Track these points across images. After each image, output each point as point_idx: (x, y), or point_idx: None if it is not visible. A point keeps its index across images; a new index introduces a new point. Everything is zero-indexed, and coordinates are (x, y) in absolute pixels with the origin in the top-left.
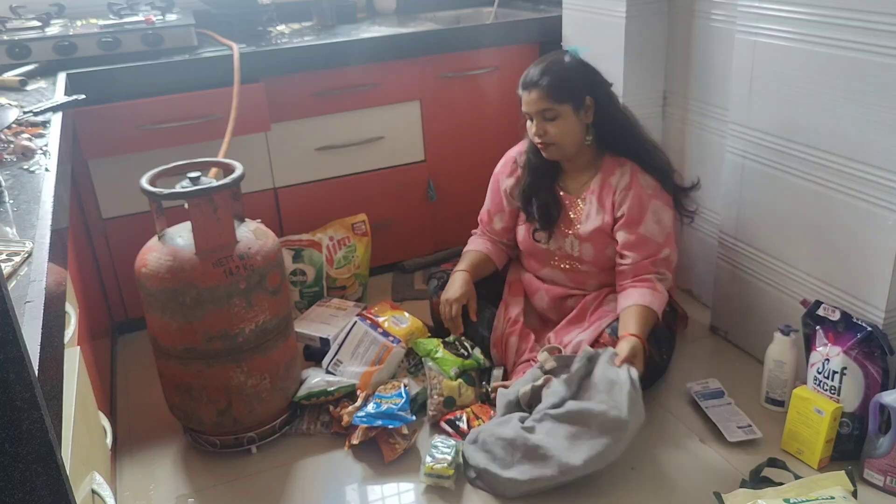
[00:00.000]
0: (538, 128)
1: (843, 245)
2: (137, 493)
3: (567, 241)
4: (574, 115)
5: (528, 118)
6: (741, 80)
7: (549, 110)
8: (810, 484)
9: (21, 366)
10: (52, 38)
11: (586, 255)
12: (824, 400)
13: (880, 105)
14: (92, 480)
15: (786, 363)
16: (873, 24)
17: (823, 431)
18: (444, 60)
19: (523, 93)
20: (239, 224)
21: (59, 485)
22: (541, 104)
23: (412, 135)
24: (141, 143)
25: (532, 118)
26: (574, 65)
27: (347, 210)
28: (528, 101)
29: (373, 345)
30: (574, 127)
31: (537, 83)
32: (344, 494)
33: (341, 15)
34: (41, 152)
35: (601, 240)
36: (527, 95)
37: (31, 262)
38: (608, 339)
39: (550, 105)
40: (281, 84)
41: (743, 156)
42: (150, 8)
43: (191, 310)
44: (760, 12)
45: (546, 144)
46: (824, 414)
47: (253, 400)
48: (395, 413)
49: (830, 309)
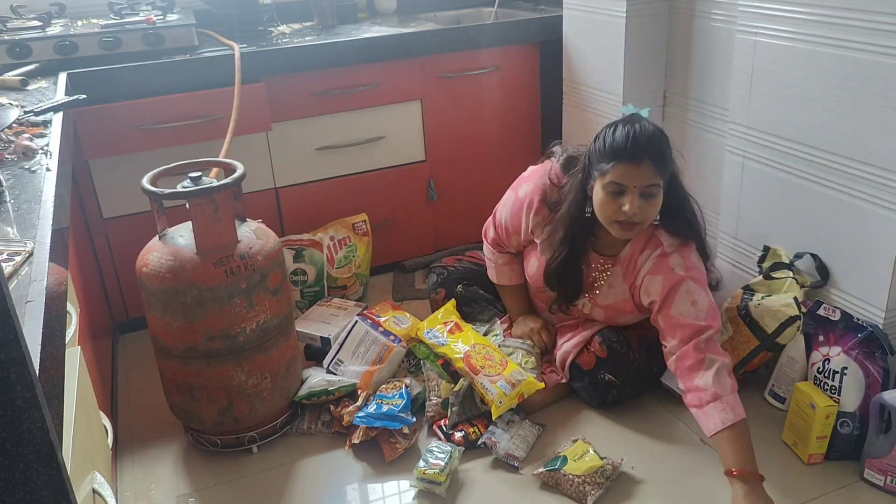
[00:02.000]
0: (634, 205)
1: (843, 245)
2: (138, 492)
3: (580, 301)
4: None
5: (615, 191)
6: (741, 80)
7: (655, 186)
8: None
9: (22, 365)
10: (53, 37)
11: (597, 317)
12: (821, 395)
13: (881, 105)
14: (93, 480)
15: (798, 362)
16: (874, 23)
17: (814, 426)
18: (445, 60)
19: (622, 164)
20: (240, 224)
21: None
22: (651, 179)
23: (413, 135)
24: (142, 142)
25: (623, 192)
26: (661, 132)
27: (348, 210)
28: (635, 175)
29: (373, 344)
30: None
31: (653, 153)
32: (344, 494)
33: (342, 15)
34: (42, 152)
35: (616, 313)
36: (632, 168)
37: (32, 262)
38: (598, 347)
39: (658, 181)
40: (282, 84)
41: (743, 155)
42: (151, 8)
43: (192, 309)
44: (761, 12)
45: (636, 224)
46: (816, 408)
47: (254, 399)
48: (395, 414)
49: (831, 309)
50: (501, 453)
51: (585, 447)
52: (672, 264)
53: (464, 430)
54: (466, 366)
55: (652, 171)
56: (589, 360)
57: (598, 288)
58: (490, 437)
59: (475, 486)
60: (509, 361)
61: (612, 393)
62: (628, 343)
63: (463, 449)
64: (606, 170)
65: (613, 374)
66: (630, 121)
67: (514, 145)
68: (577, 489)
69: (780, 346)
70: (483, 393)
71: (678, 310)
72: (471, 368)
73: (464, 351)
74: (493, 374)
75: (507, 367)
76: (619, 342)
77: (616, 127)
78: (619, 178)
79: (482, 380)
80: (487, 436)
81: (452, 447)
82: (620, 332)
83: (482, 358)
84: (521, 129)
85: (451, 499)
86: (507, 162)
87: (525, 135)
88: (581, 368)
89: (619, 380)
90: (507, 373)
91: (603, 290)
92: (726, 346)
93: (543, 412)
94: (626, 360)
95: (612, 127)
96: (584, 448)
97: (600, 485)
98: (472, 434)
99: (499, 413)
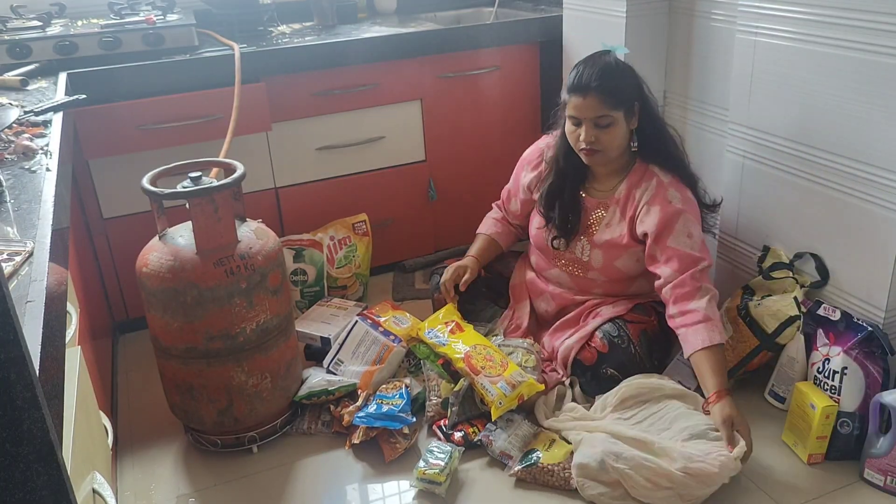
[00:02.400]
0: (588, 134)
1: (843, 245)
2: (138, 492)
3: (578, 245)
4: (625, 122)
5: (574, 122)
6: (741, 80)
7: (605, 117)
8: None
9: (22, 365)
10: (53, 37)
11: (595, 262)
12: (821, 396)
13: (881, 105)
14: (93, 480)
15: (798, 362)
16: (874, 23)
17: (814, 426)
18: (445, 60)
19: (574, 97)
20: (240, 224)
21: (59, 484)
22: (597, 110)
23: (413, 135)
24: (142, 142)
25: (580, 123)
26: (624, 68)
27: (348, 210)
28: (582, 107)
29: (374, 344)
30: (623, 133)
31: (594, 88)
32: (345, 494)
33: (342, 15)
34: (42, 152)
35: (613, 251)
36: (580, 100)
37: (32, 262)
38: (598, 342)
39: (607, 112)
40: (282, 84)
41: (743, 155)
42: (151, 8)
43: (192, 309)
44: (761, 12)
45: (593, 151)
46: (816, 408)
47: (254, 399)
48: (395, 414)
49: (831, 309)
50: (496, 452)
51: (551, 436)
52: (670, 197)
53: (463, 431)
54: (467, 366)
55: (598, 103)
56: (590, 356)
57: (596, 228)
58: (487, 435)
59: (475, 486)
60: (510, 362)
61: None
62: (629, 337)
63: (463, 449)
64: (566, 103)
65: (615, 368)
66: (591, 57)
67: (514, 145)
68: (559, 476)
69: (780, 346)
70: (483, 393)
71: (676, 241)
72: (471, 369)
73: (464, 351)
74: (493, 375)
75: (508, 368)
76: (620, 336)
77: (580, 63)
78: (573, 110)
79: (482, 380)
80: (485, 433)
81: (452, 447)
82: (620, 326)
83: (483, 358)
84: (521, 129)
85: (450, 499)
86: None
87: (525, 135)
88: (583, 364)
89: (622, 373)
90: (508, 374)
91: (600, 229)
92: (726, 345)
93: None
94: (628, 354)
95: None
96: (551, 437)
97: None
98: (472, 434)
99: (498, 414)
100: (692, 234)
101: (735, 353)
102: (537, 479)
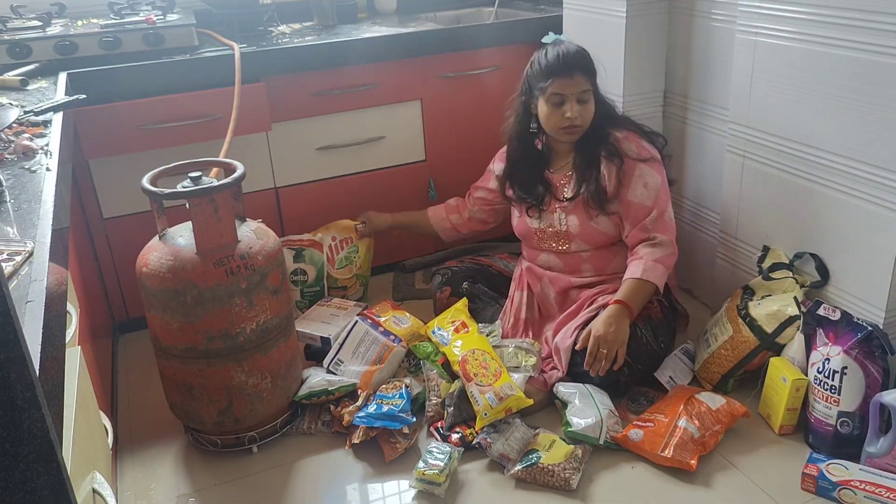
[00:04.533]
0: (574, 110)
1: (842, 245)
2: (138, 492)
3: (555, 217)
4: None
5: (557, 102)
6: (741, 80)
7: (588, 91)
8: None
9: (22, 365)
10: (53, 37)
11: (573, 228)
12: (791, 370)
13: (881, 105)
14: (93, 480)
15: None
16: (874, 23)
17: (785, 398)
18: (445, 60)
19: (560, 78)
20: (240, 224)
21: (59, 484)
22: (583, 86)
23: (413, 134)
24: (142, 142)
25: (563, 102)
26: (584, 49)
27: (348, 209)
28: (570, 84)
29: (374, 344)
30: (594, 106)
31: (579, 66)
32: (345, 494)
33: (342, 15)
34: (42, 152)
35: (585, 210)
36: (567, 80)
37: (32, 262)
38: None
39: (590, 86)
40: (282, 84)
41: (743, 155)
42: (151, 8)
43: (192, 309)
44: (761, 12)
45: (577, 127)
46: (787, 381)
47: (254, 399)
48: (395, 414)
49: (831, 308)
50: (495, 454)
51: (552, 437)
52: (625, 149)
53: (460, 432)
54: (461, 371)
55: (583, 79)
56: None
57: (563, 193)
58: (485, 438)
59: (475, 487)
60: (503, 371)
61: (625, 372)
62: (634, 321)
63: (462, 450)
64: (546, 86)
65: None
66: (555, 44)
67: None
68: (560, 476)
69: (780, 346)
70: (472, 401)
71: (633, 193)
72: (465, 374)
73: (462, 355)
74: (483, 385)
75: (500, 379)
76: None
77: (546, 51)
78: (558, 89)
79: (472, 388)
80: (482, 436)
81: (452, 448)
82: None
83: (478, 365)
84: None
85: (450, 499)
86: None
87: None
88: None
89: (631, 358)
90: (498, 385)
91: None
92: (726, 345)
93: (540, 415)
94: (634, 338)
95: (543, 52)
96: (551, 438)
97: (576, 469)
98: (469, 436)
99: (482, 424)
100: (648, 183)
101: (735, 353)
102: (537, 480)
